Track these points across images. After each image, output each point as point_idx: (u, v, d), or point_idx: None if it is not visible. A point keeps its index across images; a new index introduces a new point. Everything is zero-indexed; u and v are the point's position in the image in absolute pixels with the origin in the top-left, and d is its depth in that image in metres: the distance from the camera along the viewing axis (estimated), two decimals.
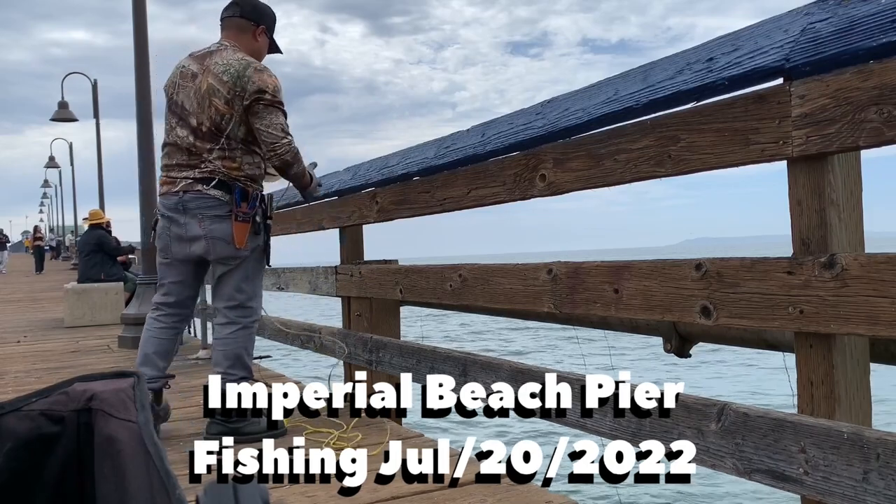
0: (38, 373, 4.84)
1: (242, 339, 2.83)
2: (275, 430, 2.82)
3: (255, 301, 2.90)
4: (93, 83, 17.99)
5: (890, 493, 1.22)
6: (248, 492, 0.54)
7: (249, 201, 2.78)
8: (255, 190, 2.84)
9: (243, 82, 2.69)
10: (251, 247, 2.82)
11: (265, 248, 2.89)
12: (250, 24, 2.90)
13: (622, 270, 1.80)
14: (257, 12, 2.92)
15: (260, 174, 2.87)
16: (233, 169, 2.76)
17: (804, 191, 1.43)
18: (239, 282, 2.84)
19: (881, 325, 1.26)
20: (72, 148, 27.76)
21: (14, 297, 13.50)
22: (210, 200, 2.75)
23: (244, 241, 2.77)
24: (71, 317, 8.07)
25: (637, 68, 1.77)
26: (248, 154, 2.80)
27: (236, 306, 2.84)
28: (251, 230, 2.79)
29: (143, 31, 5.88)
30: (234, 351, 2.81)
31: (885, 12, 1.23)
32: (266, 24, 2.93)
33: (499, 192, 2.27)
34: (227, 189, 2.75)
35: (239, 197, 2.75)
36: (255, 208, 2.80)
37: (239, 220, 2.75)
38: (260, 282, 2.93)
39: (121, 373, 0.67)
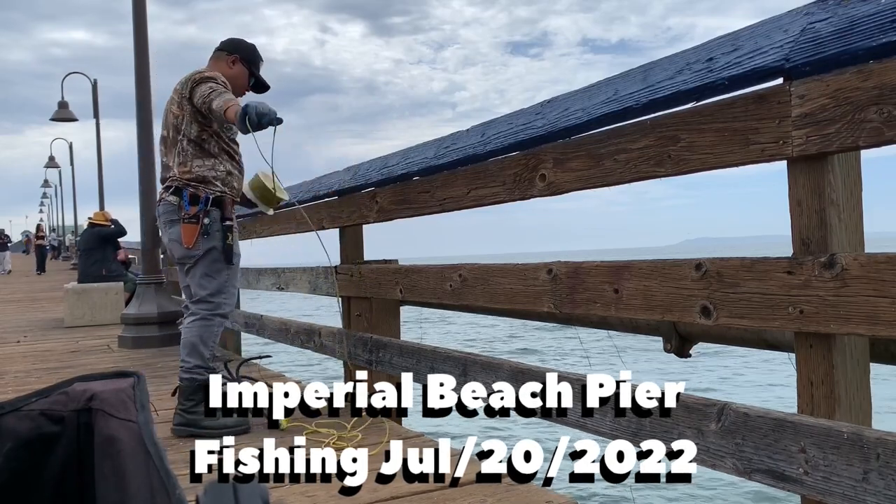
0: (38, 373, 4.84)
1: (198, 328, 2.99)
2: (236, 427, 2.93)
3: (220, 297, 3.02)
4: (93, 83, 17.98)
5: (890, 493, 1.22)
6: (248, 491, 0.54)
7: (198, 204, 2.94)
8: (207, 192, 2.96)
9: (189, 84, 2.94)
10: (203, 247, 2.96)
11: (223, 247, 2.99)
12: (224, 53, 3.15)
13: (622, 270, 1.80)
14: (233, 45, 3.18)
15: (215, 176, 2.98)
16: (184, 173, 2.96)
17: (804, 191, 1.43)
18: (199, 278, 3.00)
19: (881, 325, 1.26)
20: (72, 148, 27.76)
21: (14, 297, 13.50)
22: (168, 206, 3.01)
23: (192, 241, 2.95)
24: (71, 317, 8.07)
25: (637, 68, 1.77)
26: (199, 157, 2.97)
27: (198, 300, 3.01)
28: (200, 231, 2.94)
29: (143, 31, 5.88)
30: (190, 339, 2.98)
31: (885, 12, 1.23)
32: (241, 55, 3.16)
33: (499, 192, 2.27)
34: (179, 194, 2.96)
35: (187, 200, 2.94)
36: (203, 210, 2.95)
37: (185, 222, 2.95)
38: (224, 279, 3.02)
39: (121, 373, 0.67)
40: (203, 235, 2.96)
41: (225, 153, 3.05)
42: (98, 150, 18.56)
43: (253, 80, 3.19)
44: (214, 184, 2.98)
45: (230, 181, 3.05)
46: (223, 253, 2.99)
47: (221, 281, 3.01)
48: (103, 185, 18.00)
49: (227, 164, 3.05)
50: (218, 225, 2.98)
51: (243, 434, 2.91)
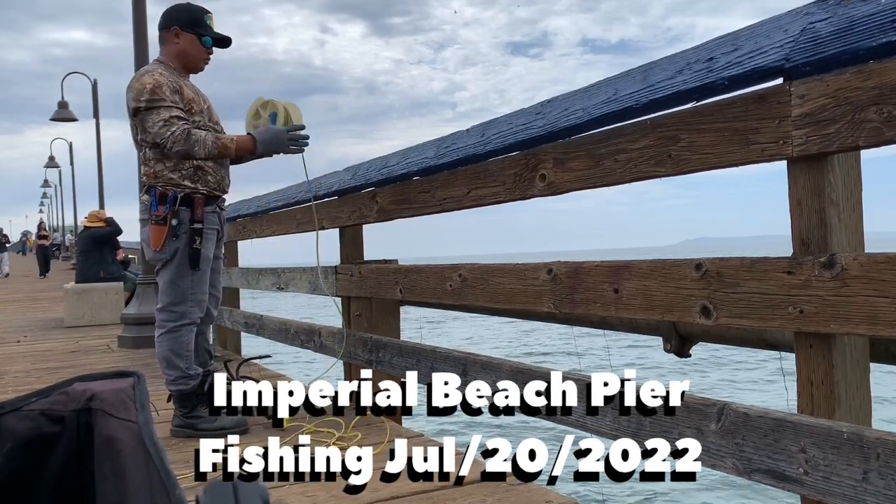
0: (38, 373, 4.85)
1: (167, 342, 2.92)
2: (235, 428, 2.93)
3: (184, 305, 2.91)
4: (93, 83, 17.98)
5: (890, 493, 1.22)
6: (247, 491, 0.54)
7: (166, 204, 2.84)
8: (175, 191, 2.85)
9: (128, 99, 2.85)
10: (170, 249, 2.85)
11: (189, 251, 2.87)
12: (164, 31, 2.97)
13: (622, 270, 1.80)
14: (167, 17, 2.97)
15: (182, 175, 2.85)
16: (150, 175, 2.88)
17: (804, 191, 1.43)
18: (164, 284, 2.92)
19: (881, 324, 1.26)
20: (72, 148, 27.75)
21: (14, 297, 13.50)
22: (141, 206, 2.94)
23: (159, 243, 2.85)
24: (71, 317, 8.07)
25: (637, 68, 1.77)
26: (160, 161, 2.86)
27: (162, 309, 2.94)
28: (169, 233, 2.84)
29: (142, 31, 5.88)
30: (162, 354, 2.94)
31: (885, 12, 1.23)
32: (179, 24, 2.94)
33: (498, 191, 2.27)
34: (150, 193, 2.88)
35: (155, 199, 2.86)
36: (171, 211, 2.83)
37: (153, 223, 2.86)
38: (189, 285, 2.90)
39: (121, 373, 0.67)
40: (171, 237, 2.84)
41: None
42: (98, 150, 18.56)
43: (209, 40, 2.96)
44: (182, 183, 2.85)
45: (201, 176, 2.89)
46: (189, 257, 2.86)
47: (185, 287, 2.89)
48: (103, 184, 18.01)
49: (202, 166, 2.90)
50: (186, 227, 2.85)
51: (242, 434, 2.90)
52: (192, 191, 2.87)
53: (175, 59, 2.96)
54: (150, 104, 2.77)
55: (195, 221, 2.87)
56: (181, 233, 2.84)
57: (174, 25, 2.94)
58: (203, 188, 2.90)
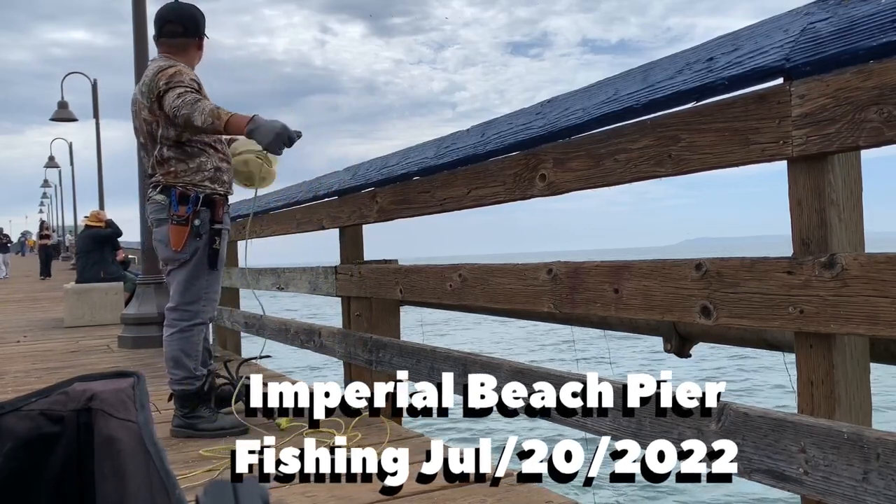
0: (38, 373, 4.85)
1: (178, 342, 2.92)
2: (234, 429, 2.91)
3: (198, 304, 2.92)
4: (93, 83, 17.98)
5: (890, 493, 1.22)
6: (247, 491, 0.54)
7: (188, 204, 2.83)
8: (197, 191, 2.84)
9: (149, 90, 2.81)
10: (191, 249, 2.85)
11: (209, 251, 2.88)
12: (187, 38, 2.97)
13: (622, 270, 1.80)
14: (193, 23, 2.98)
15: (203, 177, 2.86)
16: (169, 174, 2.85)
17: (804, 191, 1.43)
18: (180, 283, 2.90)
19: (881, 324, 1.26)
20: (72, 148, 27.76)
21: (14, 297, 13.50)
22: (156, 206, 2.89)
23: (180, 243, 2.83)
24: (71, 317, 8.07)
25: (637, 68, 1.77)
26: (182, 161, 2.84)
27: (174, 308, 2.93)
28: (190, 233, 2.83)
29: (143, 31, 5.88)
30: (171, 354, 2.93)
31: (885, 12, 1.23)
32: (202, 31, 3.02)
33: (499, 191, 2.27)
34: (167, 193, 2.85)
35: (175, 200, 2.83)
36: (193, 212, 2.83)
37: (174, 223, 2.84)
38: (205, 285, 2.92)
39: (121, 373, 0.67)
40: (193, 238, 2.84)
41: (210, 147, 2.91)
42: (98, 150, 18.57)
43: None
44: (203, 184, 2.87)
45: (219, 177, 2.92)
46: (209, 258, 2.87)
47: (200, 287, 2.90)
48: (103, 184, 18.02)
49: (213, 159, 2.91)
50: (207, 227, 2.86)
51: (241, 435, 2.88)
52: (213, 192, 2.89)
53: (190, 62, 2.98)
54: (169, 85, 2.75)
55: (215, 222, 2.90)
56: (203, 233, 2.86)
57: (202, 34, 3.01)
58: (220, 189, 2.93)
